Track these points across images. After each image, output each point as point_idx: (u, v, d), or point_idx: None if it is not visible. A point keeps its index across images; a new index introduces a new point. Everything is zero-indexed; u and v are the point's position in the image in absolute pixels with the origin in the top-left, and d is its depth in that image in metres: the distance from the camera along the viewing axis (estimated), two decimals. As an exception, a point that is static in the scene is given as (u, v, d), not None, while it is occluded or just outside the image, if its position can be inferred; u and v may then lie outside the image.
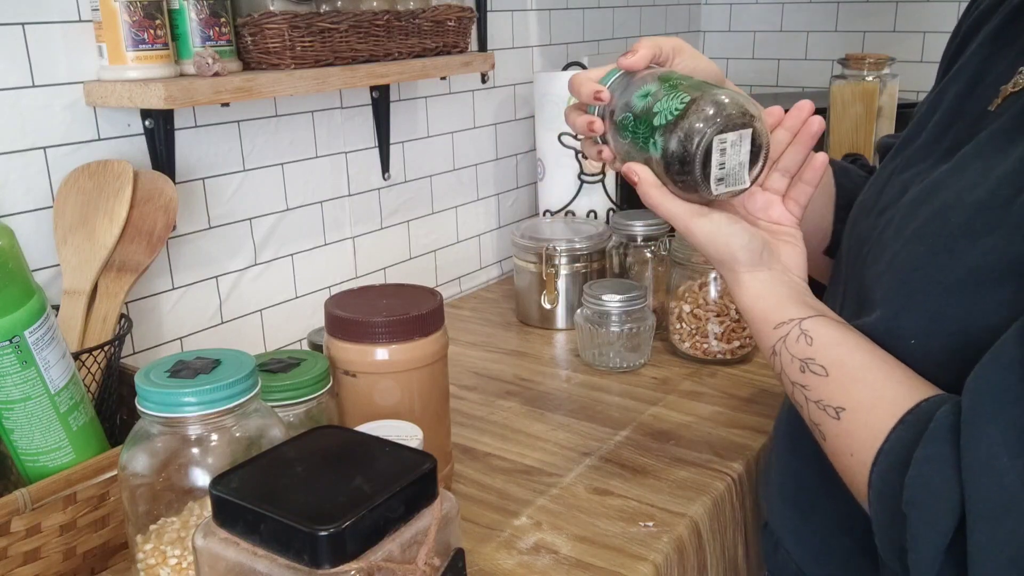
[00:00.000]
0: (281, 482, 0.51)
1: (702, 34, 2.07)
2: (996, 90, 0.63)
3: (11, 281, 0.67)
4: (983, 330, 0.54)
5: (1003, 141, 0.59)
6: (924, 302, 0.58)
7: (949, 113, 0.68)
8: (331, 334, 0.82)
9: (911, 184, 0.66)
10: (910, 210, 0.63)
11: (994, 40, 0.67)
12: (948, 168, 0.63)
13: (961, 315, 0.56)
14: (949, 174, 0.62)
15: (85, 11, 0.92)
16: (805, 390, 0.61)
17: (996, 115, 0.62)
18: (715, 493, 0.86)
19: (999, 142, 0.59)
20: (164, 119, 0.96)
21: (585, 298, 1.16)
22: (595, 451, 0.95)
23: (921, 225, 0.61)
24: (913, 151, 0.69)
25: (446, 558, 0.53)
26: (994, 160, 0.58)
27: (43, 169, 0.92)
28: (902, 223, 0.63)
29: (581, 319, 1.16)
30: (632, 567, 0.75)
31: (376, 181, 1.31)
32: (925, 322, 0.58)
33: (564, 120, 0.74)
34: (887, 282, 0.62)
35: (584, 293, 1.16)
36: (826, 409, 0.59)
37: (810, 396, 0.60)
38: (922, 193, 0.63)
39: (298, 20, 0.99)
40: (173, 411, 0.60)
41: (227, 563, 0.50)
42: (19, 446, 0.71)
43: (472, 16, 1.22)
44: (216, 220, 1.09)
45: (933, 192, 0.62)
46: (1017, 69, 0.62)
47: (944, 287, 0.57)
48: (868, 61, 1.48)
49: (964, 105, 0.67)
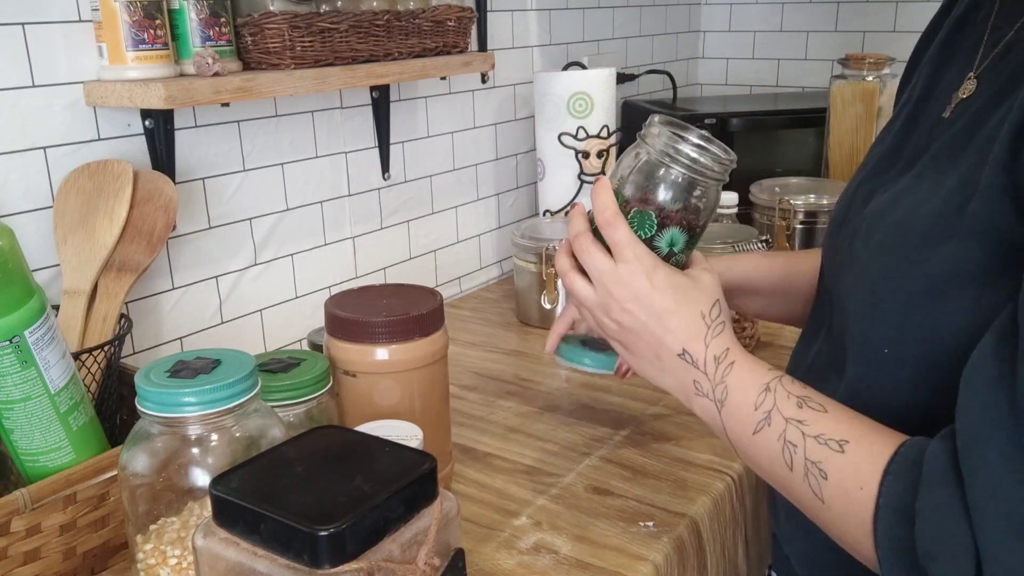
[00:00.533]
0: (281, 482, 0.51)
1: (702, 34, 2.07)
2: (948, 96, 0.65)
3: (11, 281, 0.67)
4: (950, 336, 0.55)
5: (955, 150, 0.60)
6: (892, 311, 0.59)
7: (907, 123, 0.69)
8: (331, 334, 0.82)
9: (875, 194, 0.67)
10: (874, 221, 0.64)
11: (942, 49, 0.69)
12: (908, 179, 0.64)
13: (927, 323, 0.57)
14: (909, 184, 0.63)
15: (85, 11, 0.92)
16: (802, 425, 0.59)
17: (950, 123, 0.63)
18: (715, 493, 0.86)
19: (952, 150, 0.60)
20: (164, 119, 0.96)
21: (585, 298, 1.15)
22: (595, 451, 0.95)
23: (884, 236, 0.61)
24: (877, 162, 0.71)
25: (446, 558, 0.53)
26: (948, 169, 0.59)
27: (43, 169, 0.92)
28: (867, 234, 0.64)
29: (581, 319, 1.16)
30: (632, 567, 0.75)
31: (376, 181, 1.31)
32: (895, 331, 0.59)
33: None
34: (858, 293, 0.63)
35: (584, 293, 1.16)
36: (828, 443, 0.57)
37: (808, 431, 0.59)
38: (885, 204, 0.64)
39: (298, 20, 0.99)
40: (173, 411, 0.60)
41: (227, 563, 0.50)
42: (19, 446, 0.71)
43: (472, 16, 1.22)
44: (216, 220, 1.09)
45: (895, 203, 0.63)
46: (966, 75, 0.64)
47: (908, 296, 0.58)
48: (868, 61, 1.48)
49: (920, 114, 0.68)
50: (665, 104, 1.73)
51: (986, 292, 0.54)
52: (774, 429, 0.60)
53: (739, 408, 0.63)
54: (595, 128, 1.39)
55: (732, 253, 1.17)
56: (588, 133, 1.39)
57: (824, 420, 0.59)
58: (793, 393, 0.61)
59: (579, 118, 1.38)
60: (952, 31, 0.70)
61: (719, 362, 0.65)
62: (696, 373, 0.66)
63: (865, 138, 1.50)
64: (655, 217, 0.68)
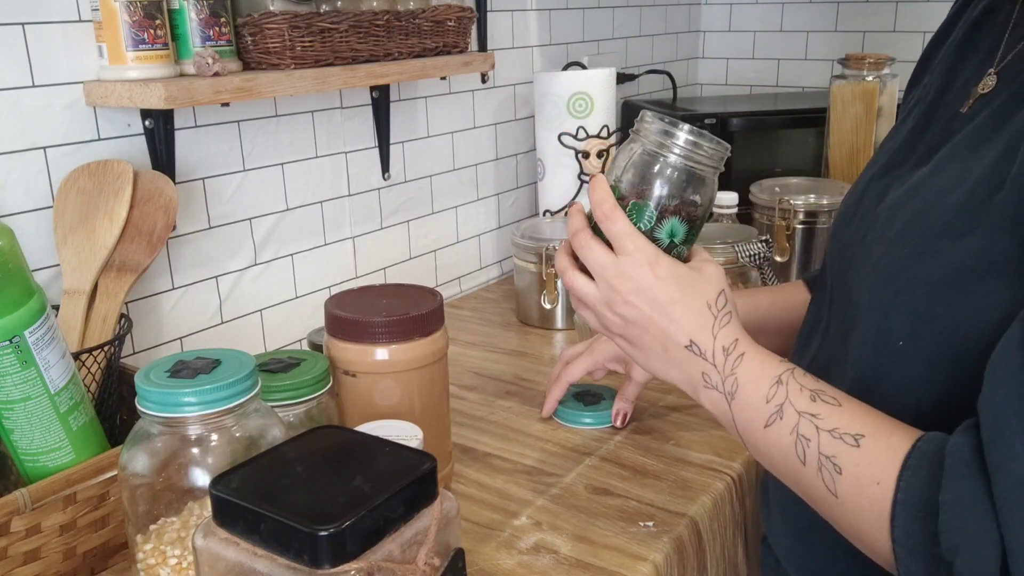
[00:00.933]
0: (281, 482, 0.51)
1: (702, 34, 2.07)
2: (966, 92, 0.65)
3: (11, 281, 0.67)
4: (971, 328, 0.55)
5: (978, 142, 0.60)
6: (910, 303, 0.58)
7: (921, 120, 0.69)
8: (331, 334, 0.82)
9: (890, 189, 0.67)
10: (891, 214, 0.63)
11: (959, 49, 0.70)
12: (926, 171, 0.63)
13: (948, 314, 0.56)
14: (927, 177, 0.63)
15: (85, 11, 0.92)
16: (816, 419, 0.58)
17: (968, 117, 0.63)
18: (715, 493, 0.86)
19: (974, 143, 0.60)
20: (164, 119, 0.96)
21: (585, 298, 1.16)
22: (595, 451, 0.95)
23: (903, 228, 0.61)
24: (889, 158, 0.71)
25: (446, 558, 0.53)
26: (970, 161, 0.59)
27: (43, 169, 0.92)
28: (884, 227, 0.63)
29: (581, 319, 1.16)
30: (632, 567, 0.75)
31: (376, 181, 1.31)
32: (912, 323, 0.58)
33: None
34: (872, 285, 0.62)
35: (584, 293, 1.16)
36: (843, 437, 0.57)
37: (822, 425, 0.57)
38: (901, 197, 0.64)
39: (298, 20, 0.99)
40: (173, 411, 0.60)
41: (227, 563, 0.50)
42: (19, 446, 0.71)
43: (472, 16, 1.22)
44: (216, 220, 1.09)
45: (912, 195, 0.63)
46: (985, 71, 0.64)
47: (929, 287, 0.57)
48: (868, 61, 1.48)
49: (935, 111, 0.68)
50: (665, 104, 1.73)
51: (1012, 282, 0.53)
52: (786, 423, 0.59)
53: (750, 401, 0.62)
54: (595, 128, 1.39)
55: (732, 253, 1.17)
56: (588, 133, 1.39)
57: (838, 414, 0.58)
58: (806, 386, 0.60)
59: (579, 118, 1.38)
60: (969, 31, 0.70)
61: (728, 353, 0.64)
62: (704, 364, 0.64)
63: (865, 138, 1.50)
64: (653, 209, 0.67)
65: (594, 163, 1.41)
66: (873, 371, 0.62)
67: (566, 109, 1.38)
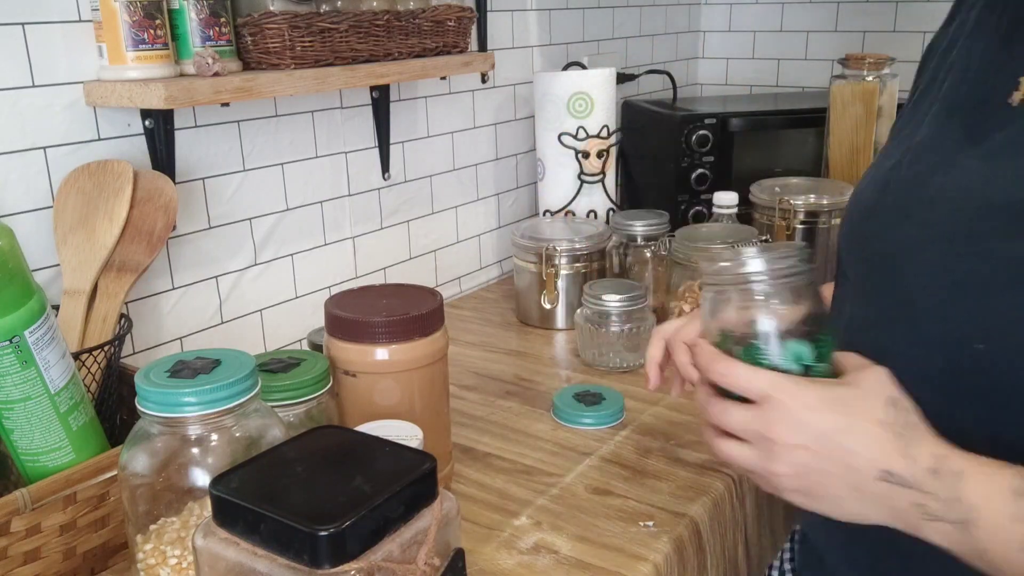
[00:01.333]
0: (281, 482, 0.51)
1: (702, 34, 2.07)
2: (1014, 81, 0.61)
3: (11, 281, 0.67)
4: None
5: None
6: (988, 305, 0.56)
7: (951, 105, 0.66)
8: (331, 334, 0.82)
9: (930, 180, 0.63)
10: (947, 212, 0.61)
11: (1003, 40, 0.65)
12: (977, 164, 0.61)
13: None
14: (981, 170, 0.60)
15: (85, 11, 0.92)
16: None
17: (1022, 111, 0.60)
18: (715, 493, 0.86)
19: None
20: (164, 119, 0.96)
21: (585, 298, 1.16)
22: (595, 451, 0.95)
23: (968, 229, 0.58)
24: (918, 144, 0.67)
25: (446, 558, 0.53)
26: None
27: (43, 169, 0.92)
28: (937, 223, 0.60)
29: (581, 319, 1.16)
30: (632, 567, 0.75)
31: (376, 181, 1.31)
32: (991, 324, 0.56)
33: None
34: (939, 288, 0.59)
35: (584, 293, 1.16)
36: None
37: None
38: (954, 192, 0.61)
39: (298, 20, 0.99)
40: (173, 411, 0.60)
41: (227, 563, 0.50)
42: (19, 446, 0.71)
43: (472, 16, 1.22)
44: (216, 220, 1.09)
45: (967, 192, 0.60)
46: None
47: (1005, 287, 0.55)
48: (868, 61, 1.48)
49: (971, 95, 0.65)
50: (665, 104, 1.73)
51: None
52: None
53: (997, 526, 0.53)
54: (595, 128, 1.39)
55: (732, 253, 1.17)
56: (588, 133, 1.39)
57: None
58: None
59: (579, 118, 1.38)
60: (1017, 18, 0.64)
61: (938, 475, 0.55)
62: (912, 495, 0.55)
63: (865, 138, 1.50)
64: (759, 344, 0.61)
65: (594, 163, 1.41)
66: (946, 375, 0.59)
67: (566, 109, 1.38)
